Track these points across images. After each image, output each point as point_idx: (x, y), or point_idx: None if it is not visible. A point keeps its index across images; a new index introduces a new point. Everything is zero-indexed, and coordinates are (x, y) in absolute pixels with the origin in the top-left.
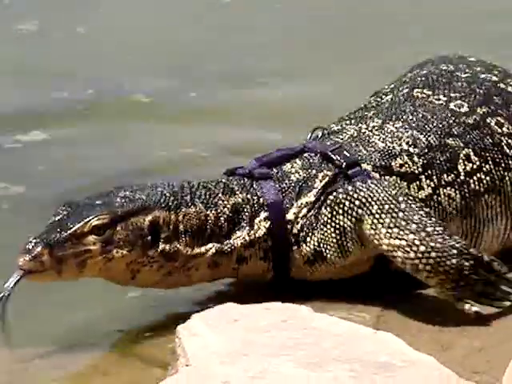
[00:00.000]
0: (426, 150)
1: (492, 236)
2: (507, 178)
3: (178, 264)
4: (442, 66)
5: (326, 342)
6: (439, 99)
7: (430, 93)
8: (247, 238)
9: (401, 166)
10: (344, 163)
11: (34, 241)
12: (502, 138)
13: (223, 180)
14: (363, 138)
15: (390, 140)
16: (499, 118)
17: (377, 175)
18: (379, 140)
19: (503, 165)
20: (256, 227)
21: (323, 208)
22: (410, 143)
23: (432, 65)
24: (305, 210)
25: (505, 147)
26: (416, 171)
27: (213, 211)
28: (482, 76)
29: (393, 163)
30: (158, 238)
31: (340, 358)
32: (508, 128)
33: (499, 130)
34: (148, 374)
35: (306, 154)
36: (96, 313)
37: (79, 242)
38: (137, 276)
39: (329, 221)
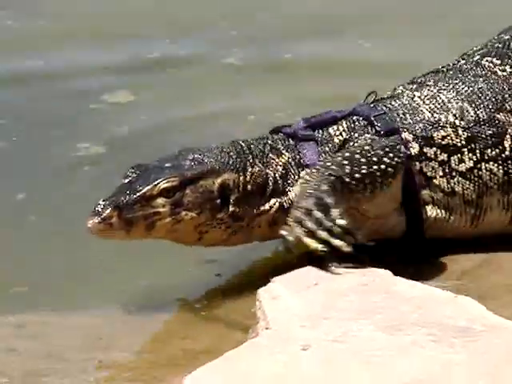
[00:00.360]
0: (473, 124)
1: None
2: None
3: (244, 223)
4: None
5: (405, 306)
6: (504, 70)
7: (498, 62)
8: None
9: (443, 138)
10: (383, 130)
11: (104, 203)
12: None
13: (269, 141)
14: (413, 106)
15: (437, 111)
16: None
17: (416, 145)
18: (427, 110)
19: None
20: None
21: None
22: (458, 116)
23: None
24: None
25: None
26: (459, 144)
27: (270, 169)
28: None
29: (435, 135)
30: (227, 200)
31: (419, 321)
32: None
33: None
34: (228, 338)
35: (354, 117)
36: (168, 278)
37: (148, 204)
38: (204, 237)
39: None
